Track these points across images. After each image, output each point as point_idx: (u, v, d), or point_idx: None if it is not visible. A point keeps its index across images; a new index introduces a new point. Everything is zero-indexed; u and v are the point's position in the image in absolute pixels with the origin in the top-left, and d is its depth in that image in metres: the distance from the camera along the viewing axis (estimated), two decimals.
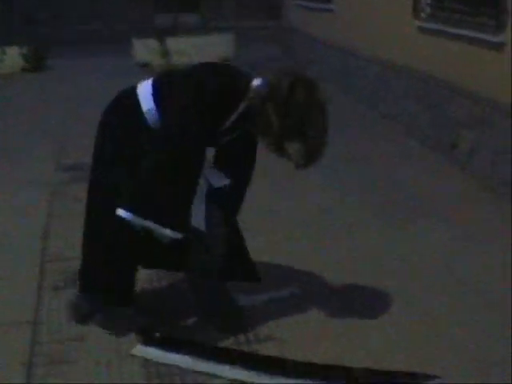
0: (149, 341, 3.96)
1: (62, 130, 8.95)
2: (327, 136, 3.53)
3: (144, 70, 13.62)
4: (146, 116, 3.73)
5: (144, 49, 14.17)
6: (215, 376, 3.66)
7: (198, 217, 3.75)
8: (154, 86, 3.78)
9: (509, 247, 5.21)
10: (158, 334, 4.01)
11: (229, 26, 16.86)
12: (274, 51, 14.86)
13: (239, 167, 3.96)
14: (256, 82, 3.57)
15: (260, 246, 4.78)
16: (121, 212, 3.57)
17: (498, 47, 6.56)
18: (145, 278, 4.60)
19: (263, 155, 3.83)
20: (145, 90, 3.79)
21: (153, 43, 14.13)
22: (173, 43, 14.24)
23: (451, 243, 5.36)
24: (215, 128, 3.63)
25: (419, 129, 8.22)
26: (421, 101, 8.24)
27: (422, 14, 8.29)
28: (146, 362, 3.81)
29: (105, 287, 4.01)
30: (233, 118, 3.60)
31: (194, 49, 13.96)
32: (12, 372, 3.71)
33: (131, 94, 3.83)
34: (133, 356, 3.86)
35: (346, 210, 6.04)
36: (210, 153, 3.87)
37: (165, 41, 14.01)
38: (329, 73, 11.83)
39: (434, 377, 3.61)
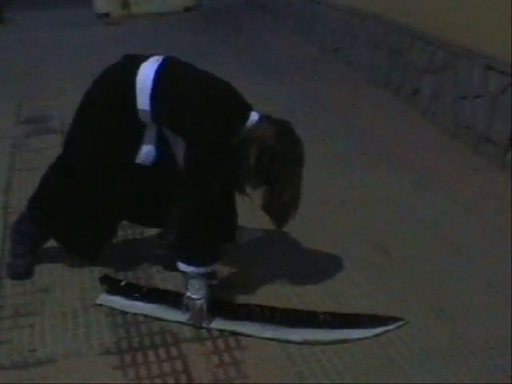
0: (113, 289, 3.98)
1: (21, 84, 8.81)
2: (298, 198, 3.62)
3: (104, 20, 13.45)
4: (139, 113, 3.66)
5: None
6: (181, 323, 3.69)
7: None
8: (155, 87, 3.61)
9: (469, 191, 5.29)
10: (123, 283, 4.02)
11: None
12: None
13: None
14: (254, 115, 3.60)
15: None
16: (190, 269, 3.63)
17: None
18: None
19: None
20: (144, 86, 3.61)
21: None
22: None
23: (412, 188, 5.41)
24: None
25: (382, 75, 8.22)
26: (383, 47, 8.21)
27: None
28: (112, 312, 3.83)
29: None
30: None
31: None
32: None
33: (129, 81, 3.65)
34: (99, 305, 3.87)
35: (308, 157, 6.04)
36: None
37: None
38: (291, 21, 11.76)
39: (399, 319, 3.66)
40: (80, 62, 9.44)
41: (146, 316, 3.77)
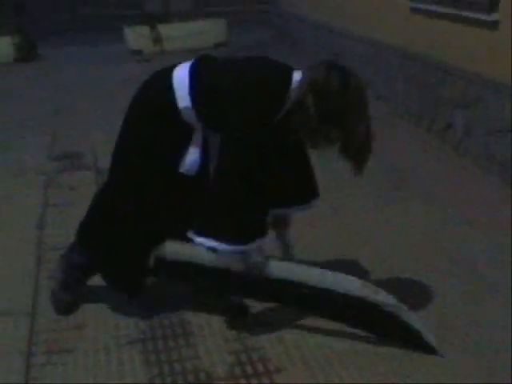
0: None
1: (55, 120, 8.90)
2: (369, 125, 3.57)
3: (136, 56, 13.61)
4: (183, 112, 3.63)
5: (136, 36, 14.12)
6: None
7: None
8: (192, 81, 3.61)
9: (502, 225, 5.23)
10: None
11: (220, 11, 16.78)
12: (266, 34, 14.82)
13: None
14: (297, 75, 3.55)
15: None
16: (222, 246, 3.57)
17: (491, 26, 6.53)
18: None
19: None
20: (181, 84, 3.62)
21: (144, 30, 14.08)
22: (164, 29, 14.20)
23: (445, 224, 5.36)
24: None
25: (413, 110, 8.21)
26: (414, 81, 8.21)
27: None
28: (146, 349, 3.81)
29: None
30: (281, 114, 3.55)
31: (187, 35, 13.93)
32: (11, 361, 3.72)
33: (166, 84, 3.65)
34: (131, 343, 3.86)
35: (338, 188, 6.02)
36: None
37: (156, 27, 13.96)
38: (321, 54, 11.79)
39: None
40: (112, 98, 9.52)
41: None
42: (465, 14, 7.03)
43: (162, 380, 3.56)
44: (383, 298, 3.58)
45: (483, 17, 6.65)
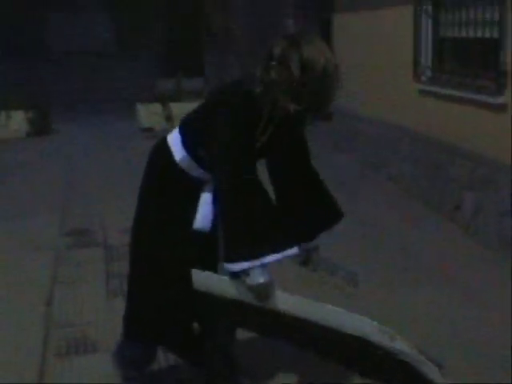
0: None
1: (65, 195, 8.97)
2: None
3: (147, 134, 13.74)
4: (181, 165, 3.67)
5: (147, 113, 14.29)
6: None
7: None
8: (182, 133, 3.70)
9: None
10: None
11: None
12: None
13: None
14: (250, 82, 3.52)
15: None
16: (242, 265, 3.34)
17: (499, 109, 6.60)
18: None
19: None
20: (175, 139, 3.71)
21: (156, 108, 14.25)
22: (176, 108, 14.35)
23: (455, 306, 5.33)
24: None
25: (422, 191, 8.24)
26: (423, 163, 8.27)
27: (423, 77, 8.37)
28: None
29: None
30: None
31: None
32: None
33: (163, 147, 3.74)
34: None
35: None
36: None
37: (168, 105, 14.12)
38: (332, 135, 11.90)
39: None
40: (123, 175, 9.60)
41: None
42: (473, 96, 7.12)
43: None
44: (400, 345, 3.24)
45: (491, 100, 6.74)
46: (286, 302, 3.35)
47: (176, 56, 22.55)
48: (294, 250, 3.42)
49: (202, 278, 3.50)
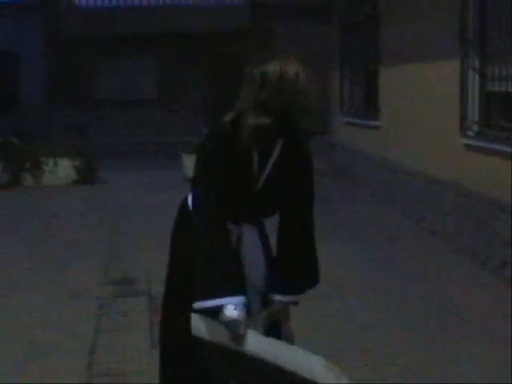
0: None
1: (109, 243, 9.04)
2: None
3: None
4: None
5: (192, 163, 14.35)
6: None
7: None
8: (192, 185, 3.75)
9: None
10: None
11: None
12: (322, 166, 14.97)
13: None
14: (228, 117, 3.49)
15: None
16: (196, 305, 3.37)
17: None
18: None
19: None
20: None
21: None
22: None
23: (504, 363, 5.24)
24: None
25: (467, 246, 8.17)
26: (467, 217, 8.20)
27: (469, 132, 8.34)
28: None
29: None
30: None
31: None
32: None
33: (185, 199, 3.83)
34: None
35: (391, 327, 5.96)
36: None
37: None
38: (376, 188, 11.89)
39: None
40: (168, 224, 9.61)
41: None
42: None
43: None
44: None
45: None
46: (253, 342, 3.29)
47: (220, 106, 22.75)
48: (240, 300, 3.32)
49: (196, 323, 3.48)
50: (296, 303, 3.65)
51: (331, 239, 8.79)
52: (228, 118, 3.47)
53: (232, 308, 3.27)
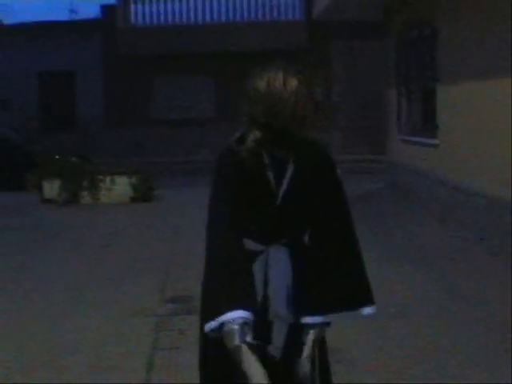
0: None
1: (167, 262, 9.06)
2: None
3: None
4: None
5: None
6: None
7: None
8: None
9: None
10: None
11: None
12: (379, 185, 14.90)
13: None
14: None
15: None
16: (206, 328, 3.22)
17: None
18: None
19: None
20: None
21: None
22: None
23: None
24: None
25: None
26: None
27: None
28: None
29: None
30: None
31: None
32: None
33: None
34: None
35: (446, 351, 5.85)
36: None
37: None
38: (434, 207, 11.76)
39: None
40: None
41: None
42: None
43: None
44: None
45: None
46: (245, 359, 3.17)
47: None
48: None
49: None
50: (328, 324, 3.42)
51: (392, 260, 8.73)
52: (236, 135, 3.47)
53: (230, 320, 3.12)
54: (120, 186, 14.50)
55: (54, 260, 9.21)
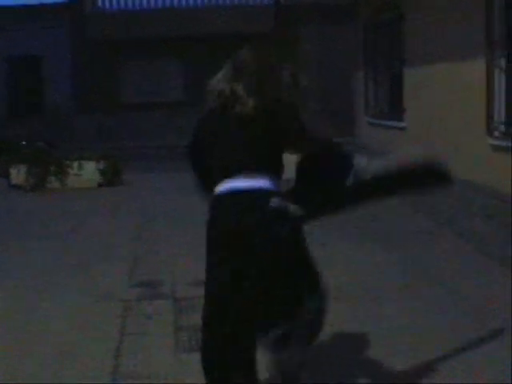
0: None
1: (134, 246, 9.03)
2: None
3: None
4: None
5: None
6: None
7: None
8: None
9: None
10: None
11: None
12: None
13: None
14: None
15: None
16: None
17: None
18: None
19: None
20: None
21: None
22: None
23: None
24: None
25: (496, 248, 8.08)
26: (495, 219, 8.12)
27: (496, 132, 8.27)
28: None
29: None
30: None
31: None
32: None
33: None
34: None
35: (414, 333, 5.89)
36: None
37: None
38: None
39: None
40: (194, 227, 9.61)
41: None
42: None
43: None
44: None
45: None
46: None
47: None
48: None
49: None
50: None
51: (358, 240, 8.76)
52: None
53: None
54: (88, 171, 14.39)
55: (21, 246, 9.14)
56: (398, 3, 12.10)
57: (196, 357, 5.31)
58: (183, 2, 25.41)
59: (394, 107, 12.99)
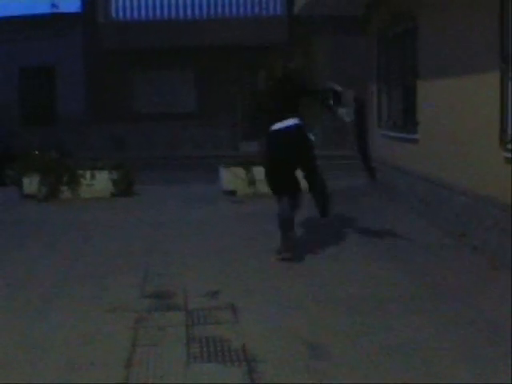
0: None
1: (146, 258, 9.02)
2: None
3: (230, 197, 13.84)
4: None
5: (230, 177, 14.38)
6: None
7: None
8: None
9: None
10: None
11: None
12: (359, 181, 14.86)
13: None
14: None
15: None
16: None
17: None
18: None
19: None
20: None
21: (239, 171, 14.30)
22: (259, 172, 14.39)
23: None
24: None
25: (509, 261, 8.04)
26: (509, 233, 8.07)
27: (509, 145, 8.22)
28: None
29: None
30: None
31: None
32: None
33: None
34: None
35: (430, 348, 5.86)
36: None
37: (251, 169, 14.16)
38: (414, 203, 11.78)
39: None
40: (205, 238, 9.64)
41: None
42: None
43: None
44: None
45: None
46: None
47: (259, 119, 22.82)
48: None
49: None
50: None
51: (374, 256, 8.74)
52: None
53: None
54: (100, 181, 14.41)
55: (33, 256, 9.15)
56: (412, 14, 12.07)
57: (208, 368, 5.34)
58: (196, 13, 25.50)
59: (407, 120, 12.95)
